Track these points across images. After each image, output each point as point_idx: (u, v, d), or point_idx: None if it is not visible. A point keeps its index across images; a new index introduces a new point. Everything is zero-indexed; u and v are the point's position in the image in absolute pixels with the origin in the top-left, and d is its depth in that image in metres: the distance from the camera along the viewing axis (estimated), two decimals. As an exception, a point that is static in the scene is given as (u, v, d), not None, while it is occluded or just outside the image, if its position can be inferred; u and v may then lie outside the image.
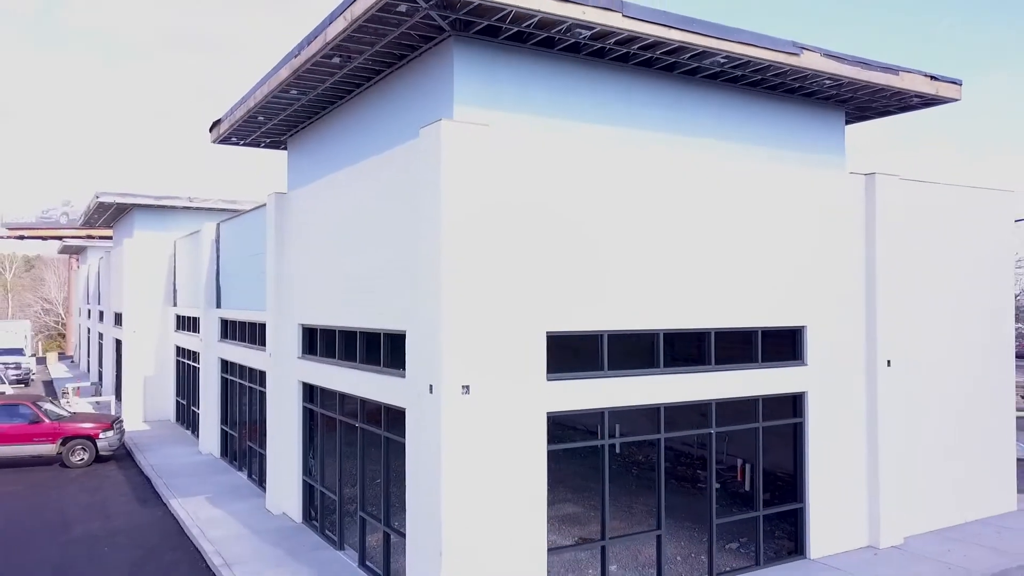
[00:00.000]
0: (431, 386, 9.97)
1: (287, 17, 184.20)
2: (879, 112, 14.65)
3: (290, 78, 12.34)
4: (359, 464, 13.10)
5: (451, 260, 9.78)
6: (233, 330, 20.78)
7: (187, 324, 26.49)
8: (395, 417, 11.59)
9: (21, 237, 69.52)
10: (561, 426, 11.60)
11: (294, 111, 14.55)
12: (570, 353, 10.97)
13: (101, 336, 38.65)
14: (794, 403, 13.34)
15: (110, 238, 61.17)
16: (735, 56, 11.30)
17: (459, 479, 9.93)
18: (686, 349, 12.25)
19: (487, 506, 10.12)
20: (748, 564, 12.84)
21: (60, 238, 70.24)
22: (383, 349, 11.90)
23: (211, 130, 16.65)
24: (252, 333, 18.94)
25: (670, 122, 12.55)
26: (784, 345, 13.18)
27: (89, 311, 45.90)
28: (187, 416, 26.58)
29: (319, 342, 14.55)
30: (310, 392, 15.22)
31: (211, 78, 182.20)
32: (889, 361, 14.05)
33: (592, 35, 10.49)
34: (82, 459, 21.48)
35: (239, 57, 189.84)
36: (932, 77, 13.38)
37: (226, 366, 21.66)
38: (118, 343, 33.15)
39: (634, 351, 11.63)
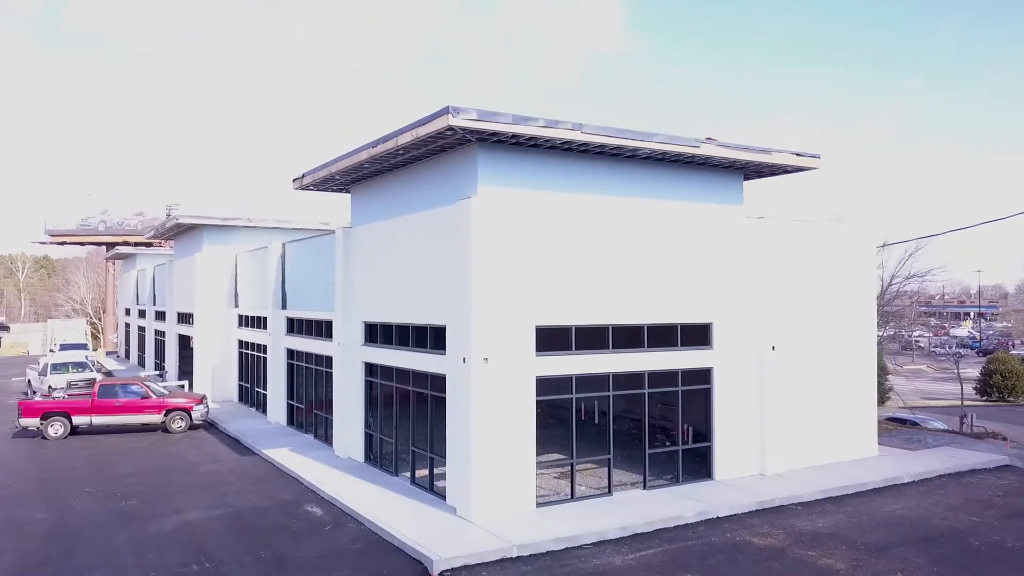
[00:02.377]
0: (464, 358, 16.28)
1: (290, 17, 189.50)
2: (768, 174, 20.93)
3: (366, 159, 18.65)
4: (411, 416, 19.40)
5: (477, 282, 16.05)
6: (299, 326, 27.07)
7: (250, 322, 32.80)
8: (437, 381, 17.86)
9: (63, 243, 75.88)
10: (553, 405, 17.80)
11: (360, 174, 20.85)
12: (550, 338, 17.24)
13: (158, 333, 44.96)
14: (705, 375, 19.61)
15: (148, 245, 67.61)
16: (656, 150, 17.63)
17: (482, 417, 16.19)
18: (628, 337, 18.50)
19: (499, 435, 16.38)
20: (671, 483, 19.14)
21: (98, 244, 76.52)
22: (429, 337, 18.20)
23: (294, 181, 22.93)
24: (318, 328, 25.21)
25: (620, 185, 18.77)
26: (697, 335, 19.44)
27: (140, 311, 52.06)
28: (250, 396, 32.90)
29: (379, 333, 20.84)
30: (370, 369, 21.51)
31: (212, 78, 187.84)
32: (774, 346, 20.35)
33: (562, 142, 16.80)
34: (180, 426, 27.81)
35: (239, 57, 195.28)
36: (797, 154, 19.68)
37: (291, 354, 27.96)
38: (181, 338, 39.52)
39: (593, 338, 17.89)
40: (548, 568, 13.97)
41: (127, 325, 58.65)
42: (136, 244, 68.25)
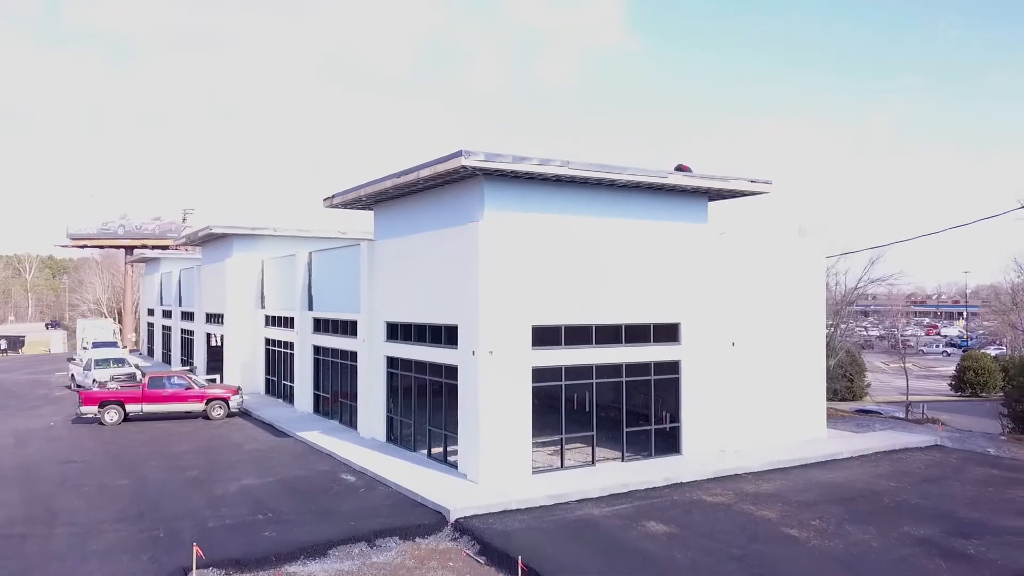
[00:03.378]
0: (473, 351, 19.98)
1: (290, 17, 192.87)
2: (729, 197, 24.62)
3: (390, 186, 22.38)
4: (427, 401, 23.11)
5: (483, 289, 19.74)
6: (325, 325, 30.77)
7: (277, 322, 36.49)
8: (450, 371, 21.54)
9: (83, 246, 79.66)
10: (548, 395, 21.46)
11: (383, 196, 24.57)
12: (544, 335, 20.92)
13: (185, 332, 48.65)
14: (674, 367, 23.28)
15: (164, 248, 71.22)
16: (630, 180, 21.35)
17: (488, 400, 19.87)
18: (609, 334, 22.16)
19: (502, 414, 20.06)
20: (645, 457, 22.83)
21: (117, 247, 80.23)
22: (443, 334, 21.89)
23: (325, 200, 26.64)
24: (343, 327, 28.89)
25: (603, 207, 22.46)
26: (667, 333, 23.11)
27: (165, 311, 55.67)
28: (276, 388, 36.61)
29: (399, 331, 24.54)
30: (391, 361, 25.22)
31: (211, 77, 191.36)
32: (734, 343, 24.04)
33: (554, 175, 20.52)
34: (219, 414, 31.50)
35: (239, 56, 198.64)
36: (751, 180, 23.38)
37: (317, 350, 31.66)
38: (208, 336, 43.23)
39: (579, 335, 21.58)
40: (540, 517, 17.69)
41: (150, 324, 62.28)
42: (154, 247, 72.09)
